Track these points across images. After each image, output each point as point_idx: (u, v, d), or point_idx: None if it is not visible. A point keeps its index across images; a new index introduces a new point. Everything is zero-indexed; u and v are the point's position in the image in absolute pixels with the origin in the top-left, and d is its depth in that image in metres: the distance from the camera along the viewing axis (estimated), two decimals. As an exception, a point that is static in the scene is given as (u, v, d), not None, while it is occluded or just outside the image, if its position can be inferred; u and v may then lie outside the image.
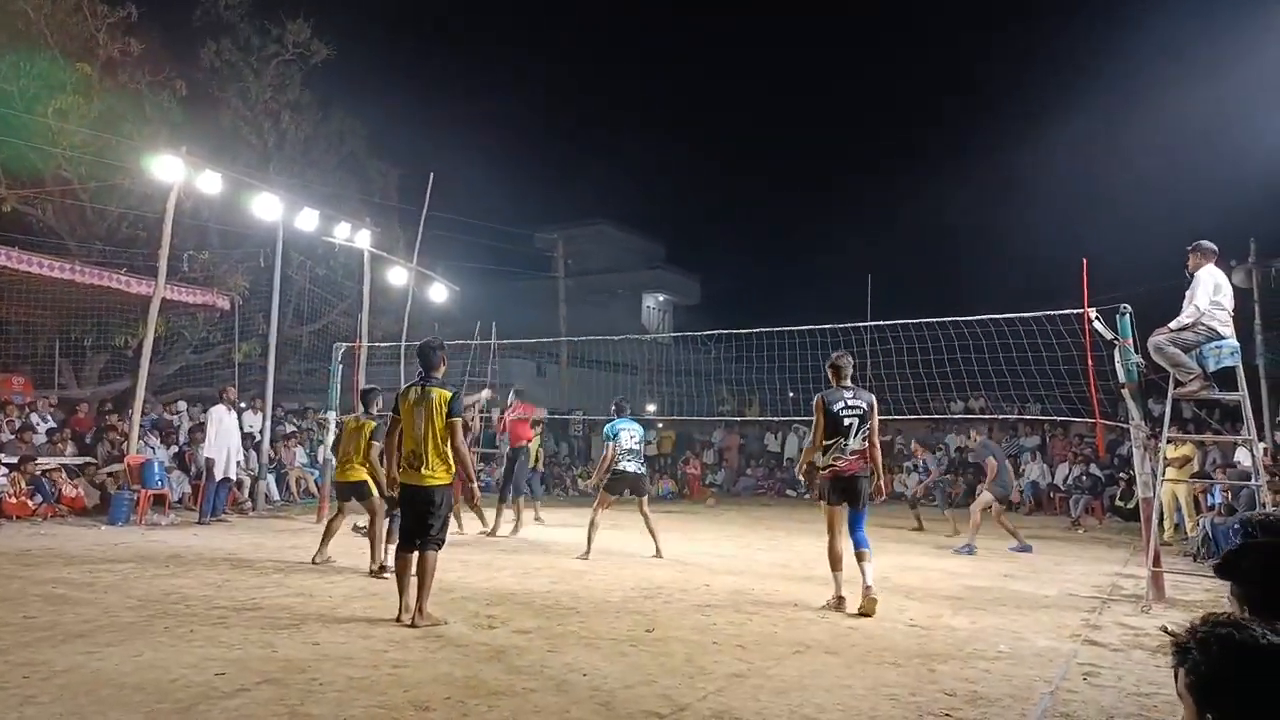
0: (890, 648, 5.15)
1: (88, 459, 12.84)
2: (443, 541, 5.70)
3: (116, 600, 6.05)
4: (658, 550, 9.12)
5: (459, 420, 5.62)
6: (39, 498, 11.42)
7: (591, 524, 9.04)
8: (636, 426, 9.49)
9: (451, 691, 4.04)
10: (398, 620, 5.50)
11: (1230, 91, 21.14)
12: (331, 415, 13.41)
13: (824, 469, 6.48)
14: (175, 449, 13.81)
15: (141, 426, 12.62)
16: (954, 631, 5.69)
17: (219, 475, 11.73)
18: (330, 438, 13.35)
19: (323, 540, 8.23)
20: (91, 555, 8.32)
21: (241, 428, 13.11)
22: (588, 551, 8.90)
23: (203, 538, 10.00)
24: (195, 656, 4.55)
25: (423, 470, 5.59)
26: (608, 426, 9.41)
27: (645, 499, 9.40)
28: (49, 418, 13.63)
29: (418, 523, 5.62)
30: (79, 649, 4.66)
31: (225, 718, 3.58)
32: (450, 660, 4.62)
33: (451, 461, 5.67)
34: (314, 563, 8.01)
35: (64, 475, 11.96)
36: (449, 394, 5.69)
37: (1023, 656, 5.02)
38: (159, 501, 11.93)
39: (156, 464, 12.15)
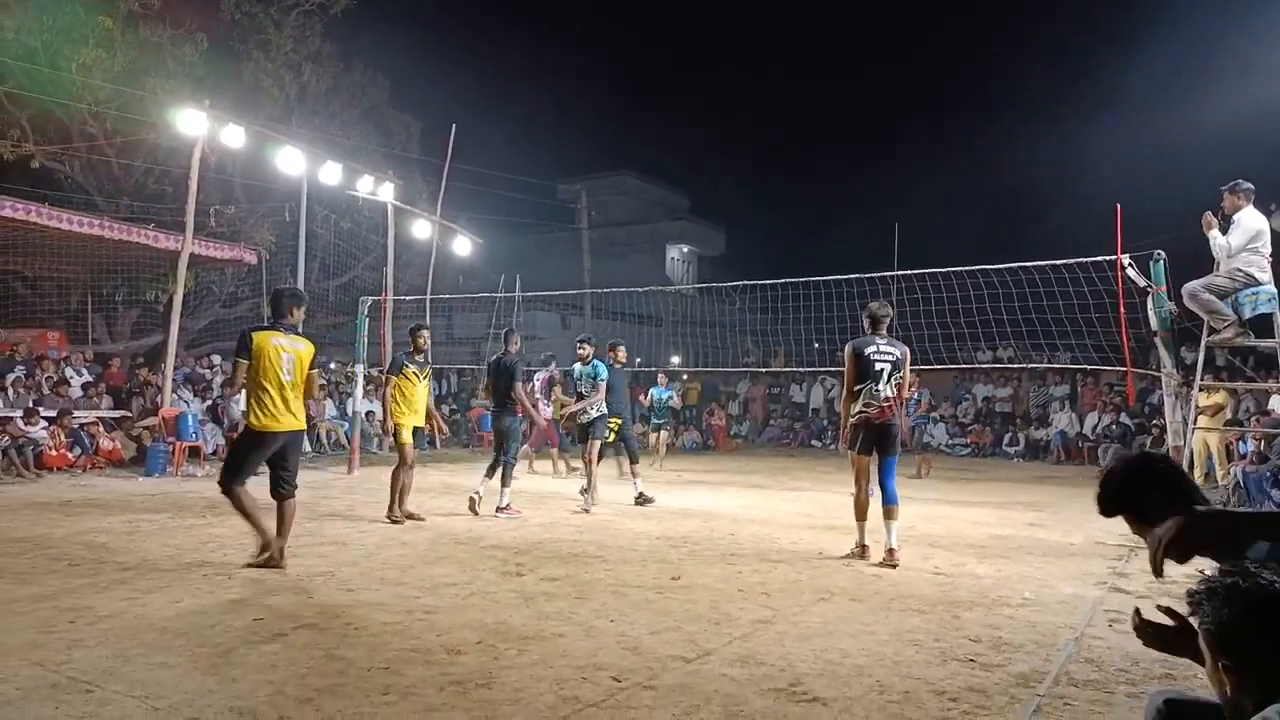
0: (915, 595, 5.19)
1: (123, 412, 13.11)
2: (296, 485, 5.95)
3: (156, 549, 6.21)
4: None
5: (320, 373, 5.91)
6: (78, 450, 11.70)
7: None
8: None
9: (482, 636, 4.13)
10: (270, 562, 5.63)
11: (1268, 25, 20.39)
12: (359, 368, 13.56)
13: (854, 416, 6.36)
14: (209, 402, 14.04)
15: (174, 380, 12.84)
16: (978, 579, 5.72)
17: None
18: (359, 390, 13.53)
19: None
20: (130, 505, 8.53)
21: None
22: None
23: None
24: (234, 603, 4.67)
25: (294, 414, 5.74)
26: (603, 368, 9.10)
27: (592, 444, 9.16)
28: (84, 372, 13.89)
29: (282, 468, 5.80)
30: (121, 595, 4.80)
31: (264, 661, 3.69)
32: (480, 606, 4.71)
33: (305, 406, 5.89)
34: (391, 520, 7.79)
35: (101, 428, 12.23)
36: (314, 347, 5.96)
37: (1047, 603, 5.03)
38: (194, 453, 12.18)
39: (190, 417, 12.38)
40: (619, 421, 9.75)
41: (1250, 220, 6.92)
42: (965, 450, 18.80)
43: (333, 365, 18.67)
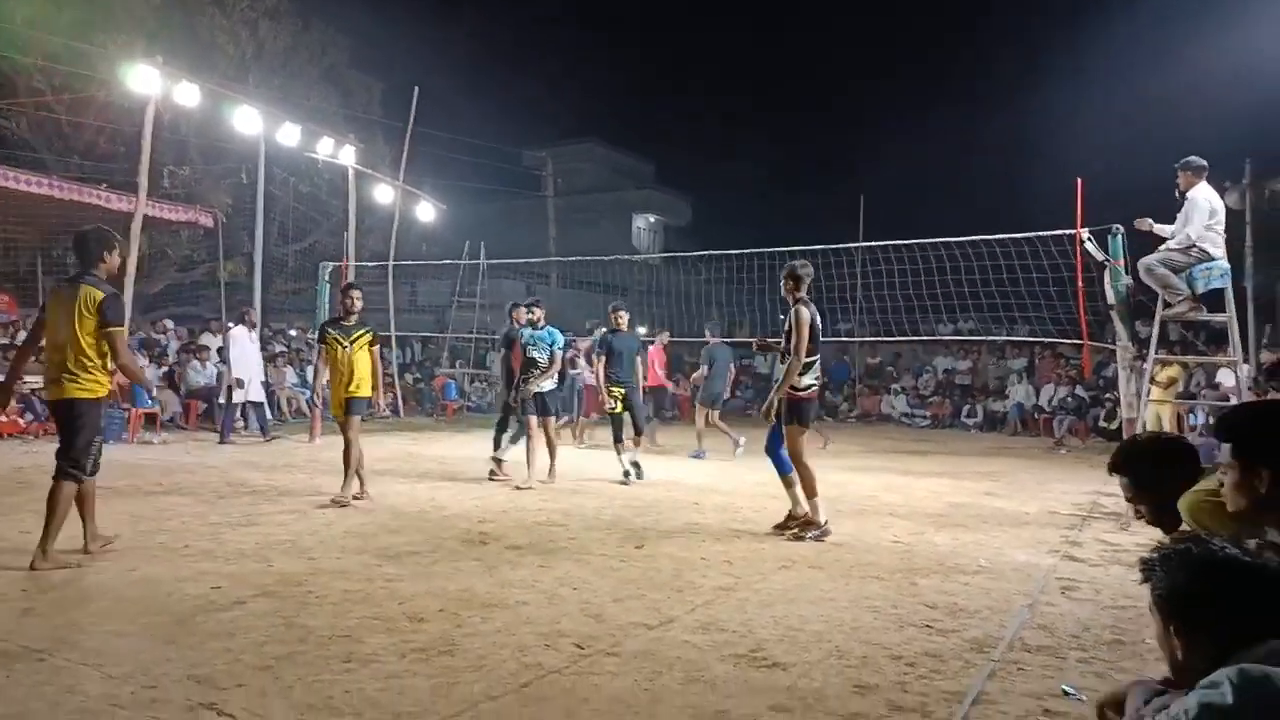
0: (874, 563, 5.27)
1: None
2: (84, 468, 4.89)
3: (111, 517, 6.10)
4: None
5: (119, 330, 4.87)
6: (29, 416, 11.42)
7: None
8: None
9: (445, 604, 4.12)
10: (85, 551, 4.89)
11: (1227, 6, 20.67)
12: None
13: (805, 390, 6.07)
14: (164, 369, 13.77)
15: (129, 346, 12.55)
16: (936, 547, 5.82)
17: (241, 397, 11.87)
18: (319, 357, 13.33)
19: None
20: (84, 473, 8.34)
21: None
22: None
23: (193, 454, 10.05)
24: (191, 571, 4.61)
25: (63, 380, 4.80)
26: (558, 334, 8.61)
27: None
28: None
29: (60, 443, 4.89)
30: (74, 561, 4.71)
31: (222, 629, 3.65)
32: (443, 574, 4.70)
33: (95, 371, 4.84)
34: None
35: (53, 394, 11.94)
36: (100, 294, 4.82)
37: (1003, 571, 5.14)
38: (150, 420, 11.96)
39: (145, 383, 12.12)
40: (622, 391, 9.02)
41: (1203, 198, 7.02)
42: (925, 422, 19.08)
43: (293, 332, 18.38)
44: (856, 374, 21.76)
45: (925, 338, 16.63)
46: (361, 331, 7.19)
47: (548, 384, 8.40)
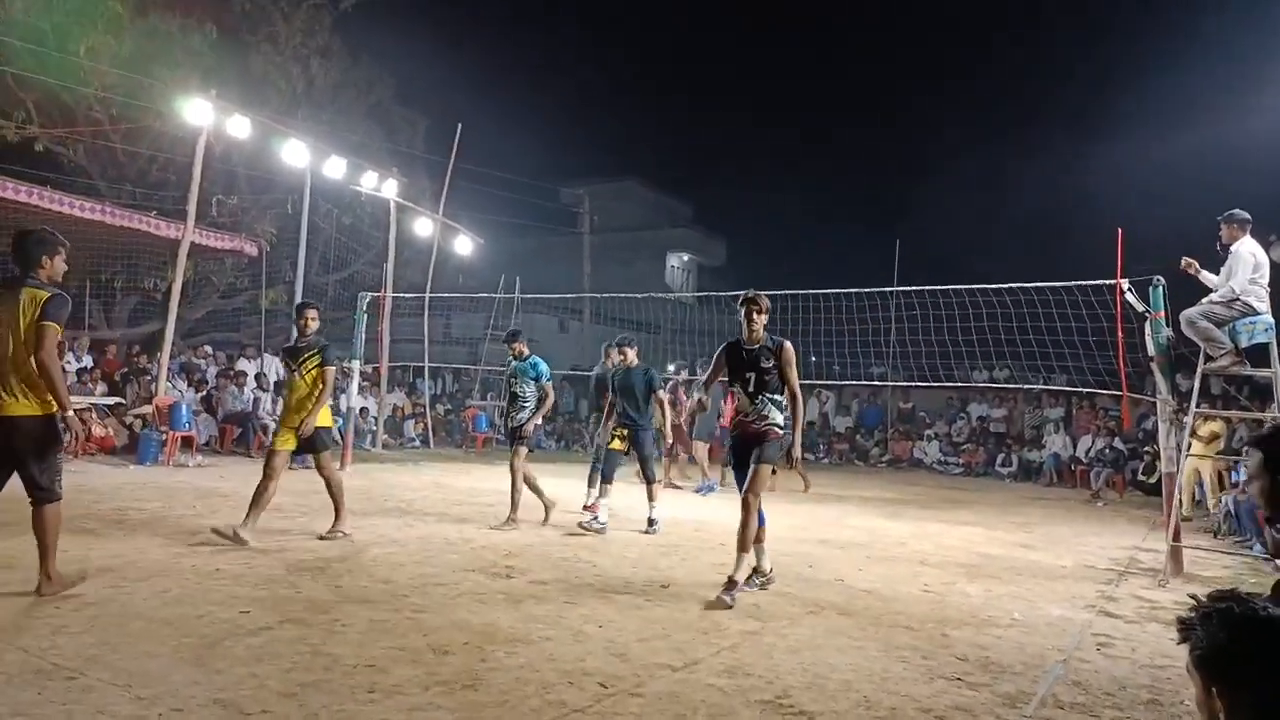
0: (904, 612, 5.18)
1: (117, 399, 13.06)
2: (56, 490, 4.56)
3: (145, 538, 6.19)
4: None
5: (53, 326, 4.34)
6: (69, 436, 11.65)
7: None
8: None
9: (470, 637, 4.12)
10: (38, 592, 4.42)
11: (1270, 56, 20.50)
12: (355, 364, 13.55)
13: (784, 428, 5.59)
14: (203, 392, 14.01)
15: (169, 369, 12.81)
16: (968, 598, 5.71)
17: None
18: (354, 386, 13.52)
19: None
20: (120, 494, 8.49)
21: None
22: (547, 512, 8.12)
23: (229, 480, 10.18)
24: (221, 594, 4.65)
25: (5, 397, 4.34)
26: (544, 365, 8.26)
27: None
28: (80, 357, 13.86)
29: (18, 470, 4.48)
30: (108, 583, 4.78)
31: (249, 654, 3.67)
32: (468, 608, 4.70)
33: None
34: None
35: (94, 414, 12.18)
36: (45, 294, 4.40)
37: (1036, 625, 5.03)
38: (186, 443, 12.15)
39: (184, 406, 12.34)
40: (626, 430, 8.21)
41: (1247, 251, 6.94)
42: (958, 469, 18.80)
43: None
44: (889, 419, 21.55)
45: (960, 384, 16.44)
46: (310, 354, 6.55)
47: (521, 416, 8.02)
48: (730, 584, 5.19)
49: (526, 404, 8.02)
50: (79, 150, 16.20)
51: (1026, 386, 15.60)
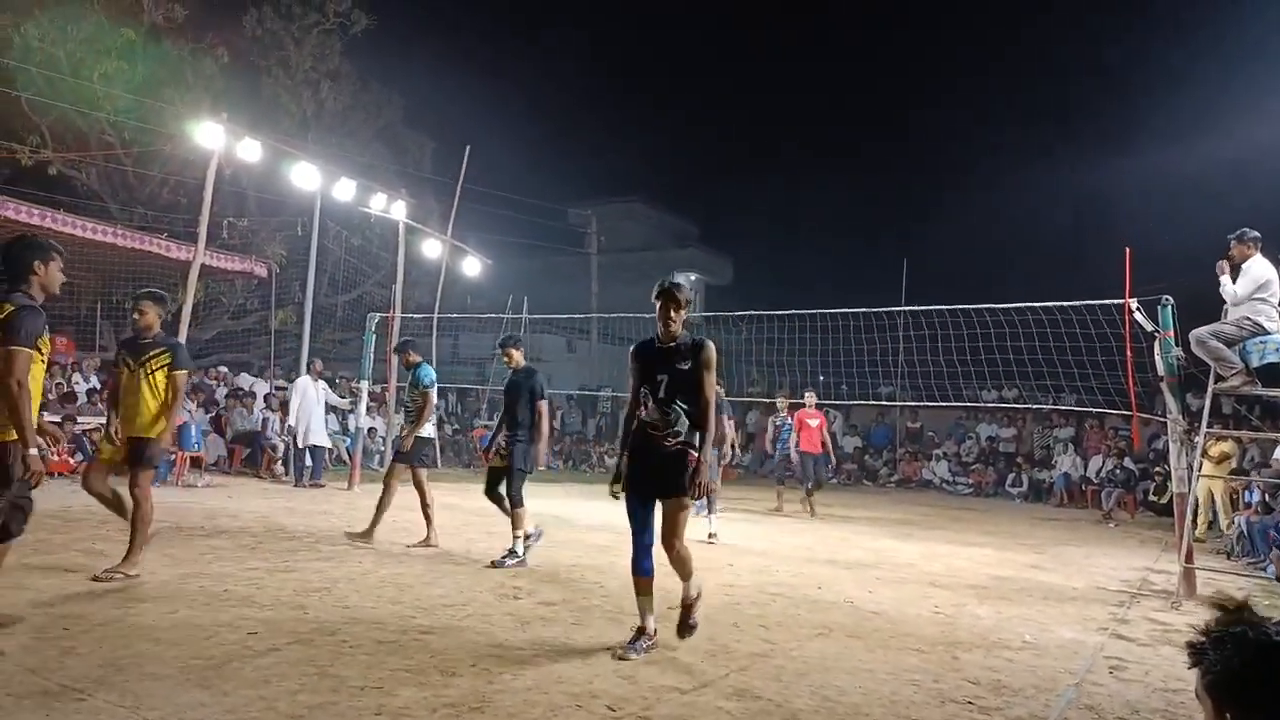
0: (914, 634, 5.14)
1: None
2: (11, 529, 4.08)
3: (153, 558, 6.18)
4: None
5: (19, 350, 3.87)
6: (79, 456, 11.69)
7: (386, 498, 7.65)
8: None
9: (477, 659, 4.10)
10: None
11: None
12: (364, 384, 13.59)
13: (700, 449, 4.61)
14: (212, 413, 14.06)
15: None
16: (979, 620, 5.67)
17: (301, 443, 12.19)
18: (363, 406, 13.55)
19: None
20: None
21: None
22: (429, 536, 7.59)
23: (237, 499, 10.19)
24: (229, 615, 4.65)
25: None
26: (427, 371, 7.84)
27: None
28: (91, 378, 13.93)
29: None
30: (116, 604, 4.78)
31: (257, 675, 3.66)
32: (476, 629, 4.69)
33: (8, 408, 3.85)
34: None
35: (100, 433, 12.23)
36: (9, 307, 3.98)
37: (1048, 648, 4.99)
38: (195, 463, 12.18)
39: (194, 427, 12.38)
40: (504, 445, 7.10)
41: (1259, 269, 6.93)
42: (967, 490, 18.71)
43: (337, 381, 18.70)
44: (898, 439, 21.48)
45: (969, 404, 16.39)
46: (157, 354, 5.65)
47: (427, 429, 7.68)
48: (686, 612, 4.52)
49: (414, 416, 7.70)
50: (92, 174, 16.40)
51: (1036, 406, 15.57)
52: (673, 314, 4.66)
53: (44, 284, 4.22)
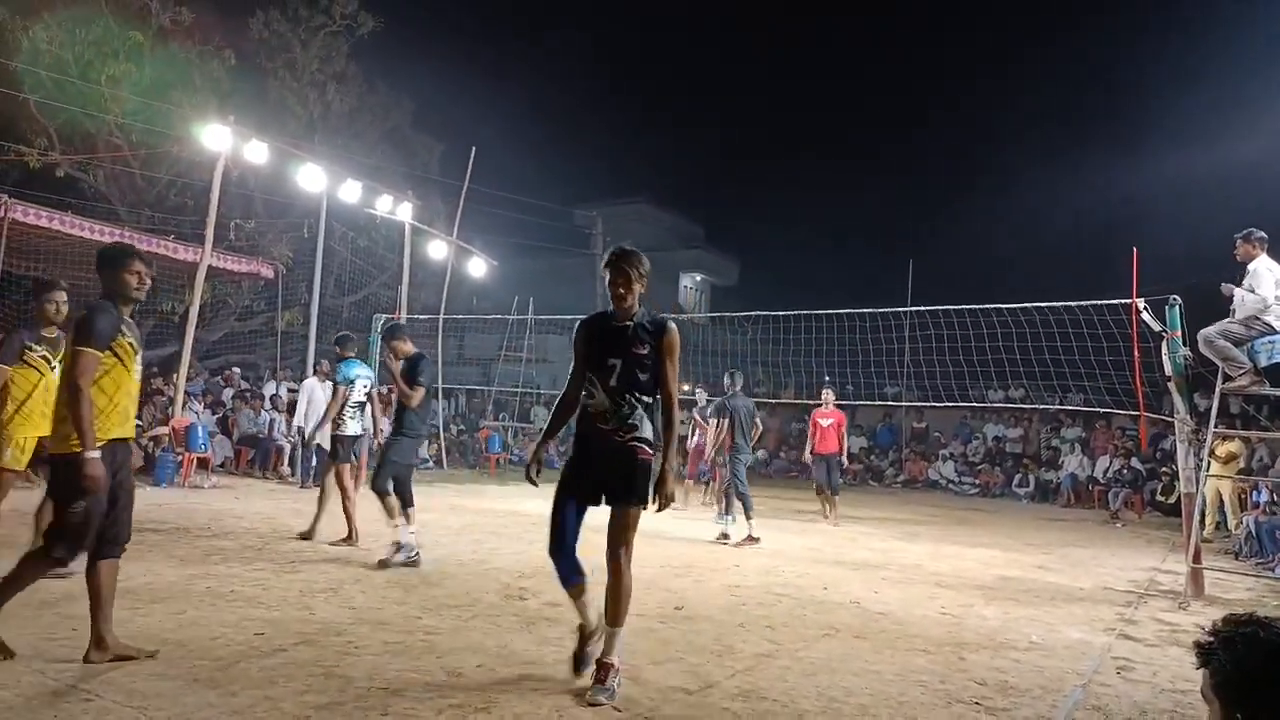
0: (920, 635, 5.13)
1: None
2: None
3: (160, 559, 6.21)
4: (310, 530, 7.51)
5: (85, 351, 3.69)
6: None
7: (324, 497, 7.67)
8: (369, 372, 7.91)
9: (483, 659, 4.11)
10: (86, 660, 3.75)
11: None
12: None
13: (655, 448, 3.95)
14: (219, 414, 14.10)
15: (188, 393, 12.91)
16: (985, 621, 5.65)
17: (313, 444, 12.25)
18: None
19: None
20: (136, 515, 8.50)
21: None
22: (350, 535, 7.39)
23: (244, 501, 10.22)
24: (235, 616, 4.66)
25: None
26: (347, 367, 7.64)
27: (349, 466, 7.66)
28: (97, 379, 13.99)
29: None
30: (123, 605, 4.78)
31: (263, 676, 3.67)
32: (482, 630, 4.69)
33: (68, 423, 3.68)
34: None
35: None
36: (85, 311, 3.86)
37: (1055, 648, 4.97)
38: (202, 465, 12.21)
39: (201, 428, 12.42)
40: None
41: (1266, 268, 6.90)
42: (973, 490, 18.67)
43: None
44: (904, 439, 21.44)
45: (975, 404, 16.36)
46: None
47: (351, 427, 7.53)
48: (603, 671, 3.69)
49: (344, 414, 7.53)
50: (99, 176, 16.46)
51: (1042, 406, 15.53)
52: (625, 287, 3.96)
53: (119, 291, 3.97)
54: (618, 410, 3.83)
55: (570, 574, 3.91)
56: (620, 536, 3.86)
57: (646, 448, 3.84)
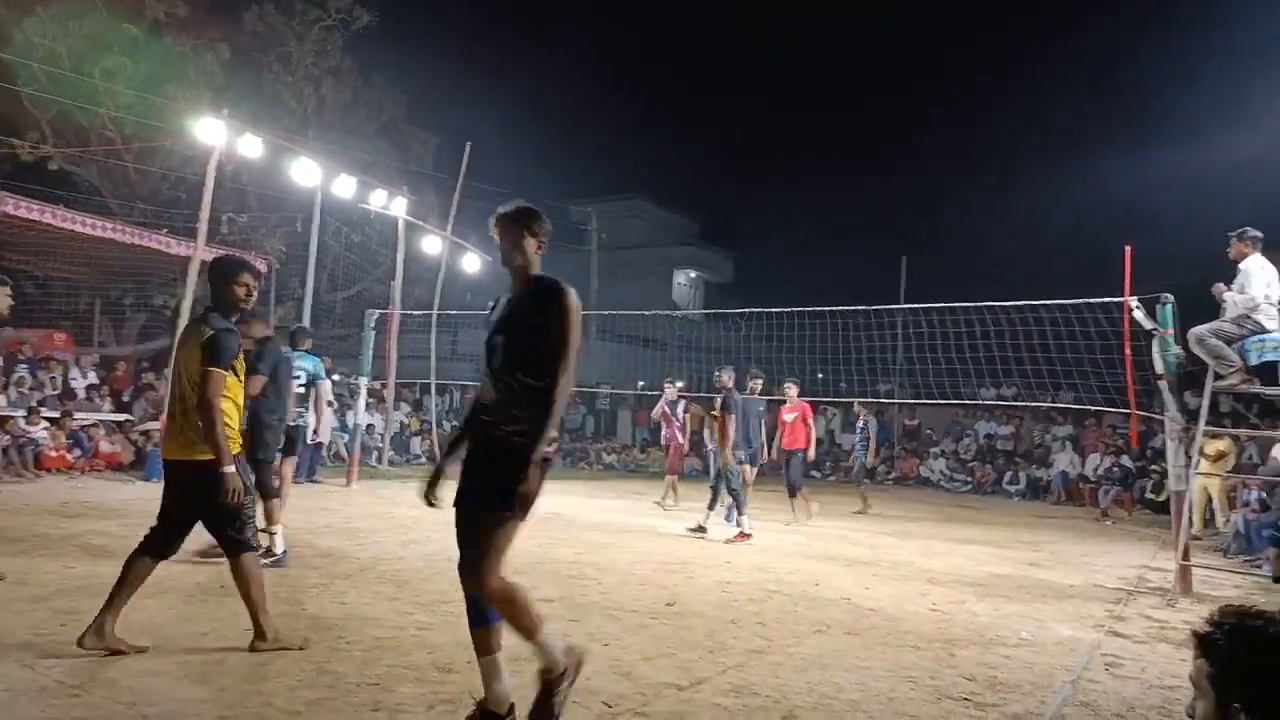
0: (911, 631, 5.15)
1: (125, 416, 13.12)
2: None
3: (152, 553, 6.19)
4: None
5: (215, 372, 3.91)
6: (77, 452, 11.71)
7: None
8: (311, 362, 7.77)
9: (474, 655, 4.10)
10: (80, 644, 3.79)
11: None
12: (363, 381, 13.60)
13: (553, 445, 3.23)
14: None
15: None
16: (975, 617, 5.68)
17: (310, 440, 12.30)
18: (362, 403, 13.56)
19: None
20: (127, 509, 8.51)
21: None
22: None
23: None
24: (227, 611, 4.65)
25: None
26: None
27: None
28: (89, 373, 13.94)
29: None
30: (115, 599, 4.78)
31: (254, 671, 3.67)
32: (474, 625, 4.68)
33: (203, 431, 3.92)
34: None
35: (101, 430, 12.24)
36: (209, 331, 3.99)
37: (1045, 645, 5.00)
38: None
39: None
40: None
41: (1259, 268, 6.92)
42: (965, 487, 18.73)
43: (335, 377, 18.71)
44: (896, 436, 21.49)
45: (966, 402, 16.40)
46: None
47: (310, 419, 7.53)
48: (548, 685, 3.21)
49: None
50: (92, 169, 16.39)
51: (1034, 404, 15.57)
52: (512, 244, 3.25)
53: (230, 302, 4.17)
54: (500, 397, 3.14)
55: (478, 613, 3.24)
56: (482, 554, 3.15)
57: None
